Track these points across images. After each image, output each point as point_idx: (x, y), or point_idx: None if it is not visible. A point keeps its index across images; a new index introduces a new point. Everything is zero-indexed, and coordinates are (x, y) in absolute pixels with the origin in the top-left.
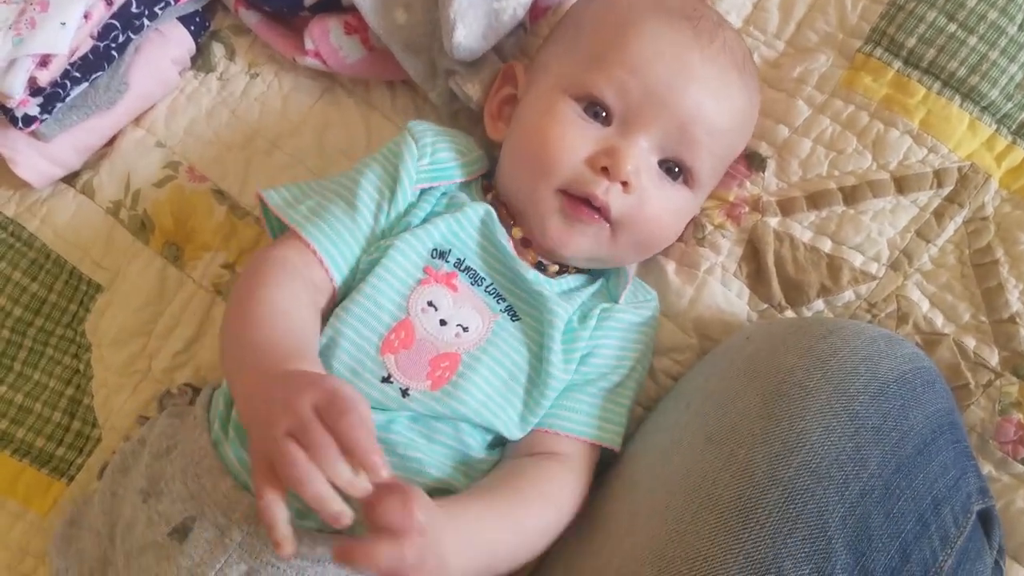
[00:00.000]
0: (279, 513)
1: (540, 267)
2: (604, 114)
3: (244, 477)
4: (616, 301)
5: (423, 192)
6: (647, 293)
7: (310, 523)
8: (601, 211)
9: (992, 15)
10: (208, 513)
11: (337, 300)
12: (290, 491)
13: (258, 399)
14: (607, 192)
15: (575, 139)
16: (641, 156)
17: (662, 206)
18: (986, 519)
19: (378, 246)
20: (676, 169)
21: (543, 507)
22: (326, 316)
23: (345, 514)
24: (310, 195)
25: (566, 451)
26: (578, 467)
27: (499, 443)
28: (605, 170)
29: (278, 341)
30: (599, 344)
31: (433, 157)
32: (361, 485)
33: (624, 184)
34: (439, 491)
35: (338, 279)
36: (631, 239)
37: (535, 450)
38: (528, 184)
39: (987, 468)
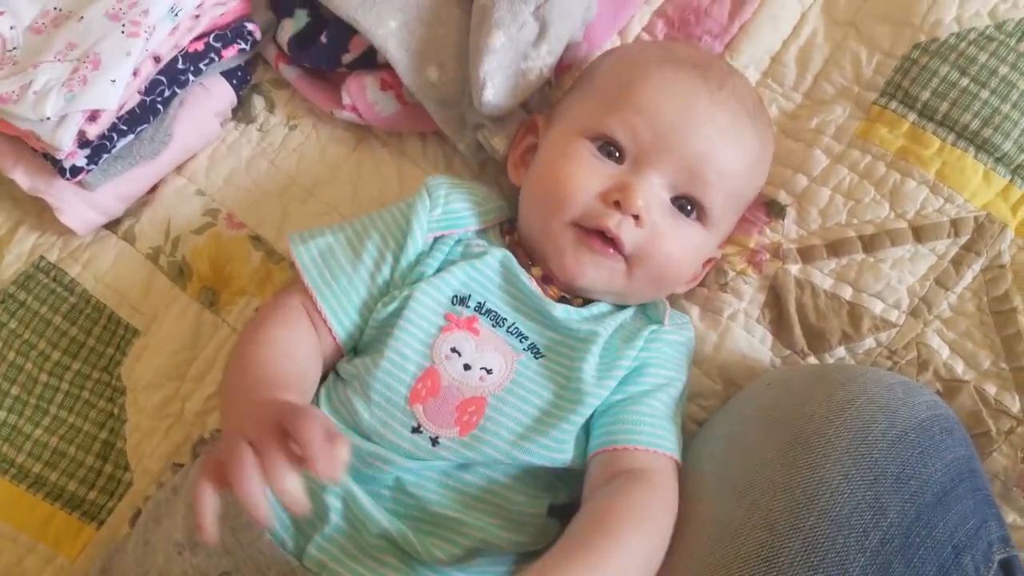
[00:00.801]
0: (208, 502)
1: (564, 300)
2: (617, 153)
3: (282, 534)
4: (661, 324)
5: (437, 241)
6: (682, 317)
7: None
8: (615, 244)
9: (1003, 70)
10: (244, 569)
11: (345, 346)
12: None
13: (238, 414)
14: (619, 225)
15: (589, 175)
16: (652, 191)
17: (675, 242)
18: (1008, 569)
19: (393, 296)
20: (689, 207)
21: (639, 538)
22: (334, 358)
23: (267, 519)
24: (328, 240)
25: (641, 466)
26: (658, 479)
27: (547, 490)
28: (617, 204)
29: (272, 375)
30: (651, 359)
31: (446, 208)
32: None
33: (636, 218)
34: (478, 549)
35: (340, 332)
36: (646, 274)
37: (611, 472)
38: (543, 219)
39: (1011, 516)
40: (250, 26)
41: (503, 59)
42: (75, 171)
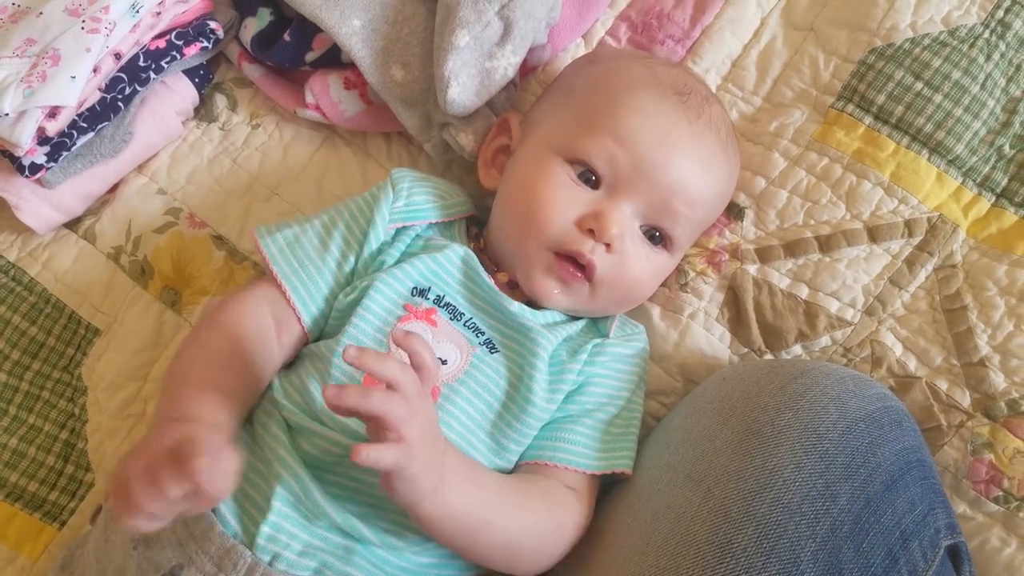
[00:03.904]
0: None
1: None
2: (593, 178)
3: (234, 526)
4: (606, 336)
5: (398, 232)
6: (635, 327)
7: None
8: (586, 269)
9: (956, 75)
10: (196, 560)
11: (311, 333)
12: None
13: (151, 427)
14: (592, 251)
15: (566, 202)
16: (624, 220)
17: (641, 267)
18: (955, 555)
19: (355, 285)
20: (657, 234)
21: (543, 513)
22: (298, 347)
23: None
24: (295, 231)
25: (568, 482)
26: (582, 496)
27: None
28: (591, 231)
29: (208, 371)
30: (593, 376)
31: (409, 200)
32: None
33: (608, 246)
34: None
35: (307, 319)
36: (610, 295)
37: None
38: (518, 237)
39: (961, 507)
40: (212, 24)
41: (468, 58)
42: (34, 168)
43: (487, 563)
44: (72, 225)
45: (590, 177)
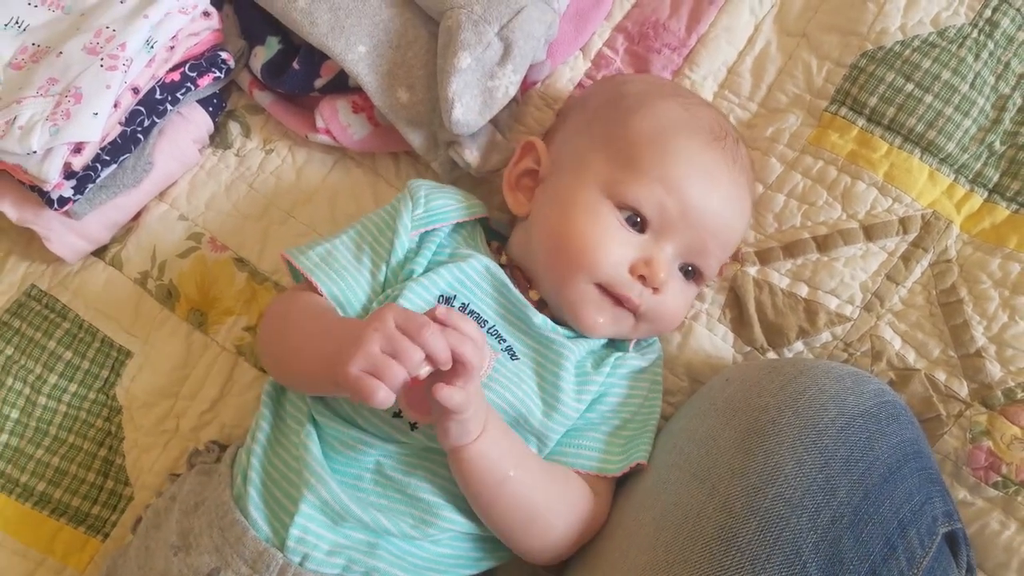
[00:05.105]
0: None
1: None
2: (638, 220)
3: (265, 530)
4: (627, 350)
5: (423, 238)
6: (650, 340)
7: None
8: (633, 310)
9: (945, 75)
10: (232, 563)
11: None
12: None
13: (346, 338)
14: (640, 295)
15: (619, 247)
16: (670, 264)
17: (677, 302)
18: (953, 541)
19: (387, 294)
20: (690, 269)
21: (560, 488)
22: None
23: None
24: (326, 247)
25: (587, 484)
26: (600, 494)
27: None
28: (642, 277)
29: (329, 321)
30: (613, 387)
31: (427, 205)
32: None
33: (655, 289)
34: (452, 530)
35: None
36: (647, 328)
37: None
38: (566, 273)
39: (962, 493)
40: (224, 55)
41: (470, 79)
42: (62, 201)
43: (503, 526)
44: (99, 253)
45: (636, 220)
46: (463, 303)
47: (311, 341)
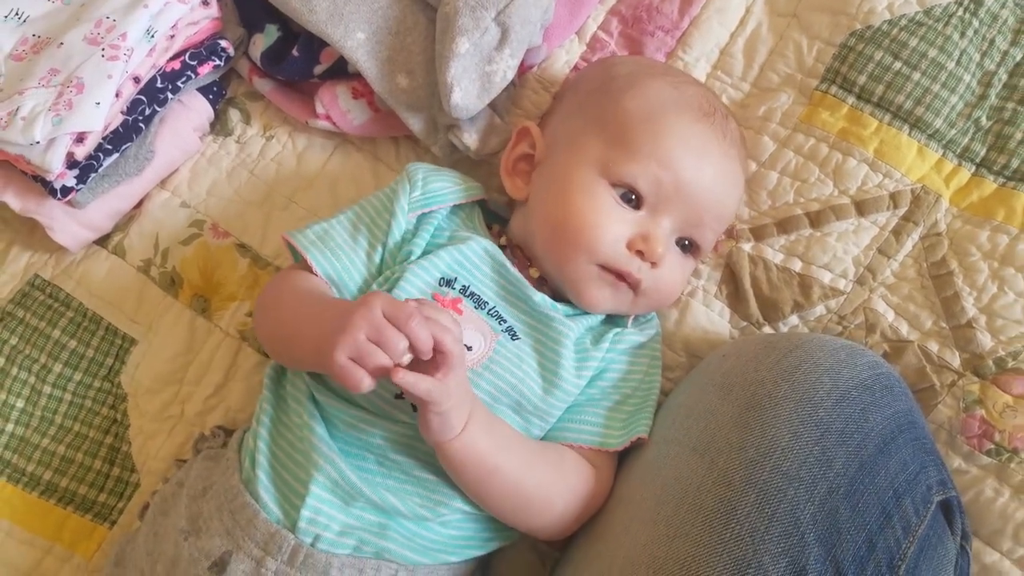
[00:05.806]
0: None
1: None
2: (634, 198)
3: (276, 512)
4: (625, 326)
5: (420, 220)
6: (648, 316)
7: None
8: (632, 284)
9: (932, 52)
10: (244, 546)
11: None
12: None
13: (333, 323)
14: (639, 270)
15: (615, 224)
16: (666, 237)
17: (675, 276)
18: (947, 508)
19: (386, 276)
20: (687, 243)
21: (554, 474)
22: None
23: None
24: (324, 226)
25: (588, 459)
26: (601, 470)
27: None
28: (640, 252)
29: (320, 304)
30: (613, 363)
31: (425, 188)
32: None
33: (653, 264)
34: (459, 508)
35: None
36: (646, 302)
37: None
38: (566, 254)
39: (956, 461)
40: (223, 43)
41: (468, 64)
42: (65, 191)
43: (500, 511)
44: (102, 242)
45: (631, 198)
46: (464, 285)
47: (302, 324)
